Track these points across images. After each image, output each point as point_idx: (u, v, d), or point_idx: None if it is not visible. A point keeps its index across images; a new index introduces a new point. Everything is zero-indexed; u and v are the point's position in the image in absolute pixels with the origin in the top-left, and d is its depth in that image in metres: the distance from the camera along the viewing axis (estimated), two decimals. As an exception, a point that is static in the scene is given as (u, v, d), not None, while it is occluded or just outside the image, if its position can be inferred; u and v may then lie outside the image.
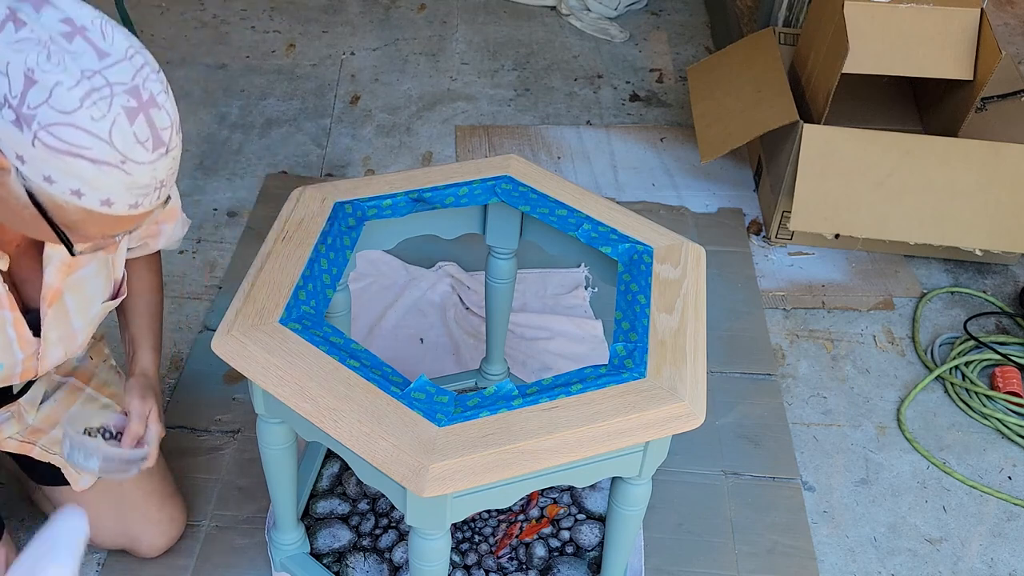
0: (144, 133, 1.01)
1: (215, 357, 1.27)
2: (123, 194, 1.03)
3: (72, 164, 0.98)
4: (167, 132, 1.04)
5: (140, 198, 1.05)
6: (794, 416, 2.01)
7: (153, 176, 1.04)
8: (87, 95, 0.97)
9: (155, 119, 1.02)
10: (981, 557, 1.79)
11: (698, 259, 1.45)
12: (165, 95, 1.04)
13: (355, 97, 2.85)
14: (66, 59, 0.96)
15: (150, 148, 1.02)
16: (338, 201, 1.48)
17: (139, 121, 1.00)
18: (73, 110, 0.96)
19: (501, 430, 1.17)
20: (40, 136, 0.96)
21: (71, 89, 0.96)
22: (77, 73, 0.96)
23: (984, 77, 2.20)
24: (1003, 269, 2.38)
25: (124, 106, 0.99)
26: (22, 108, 0.96)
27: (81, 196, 1.01)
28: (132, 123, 1.00)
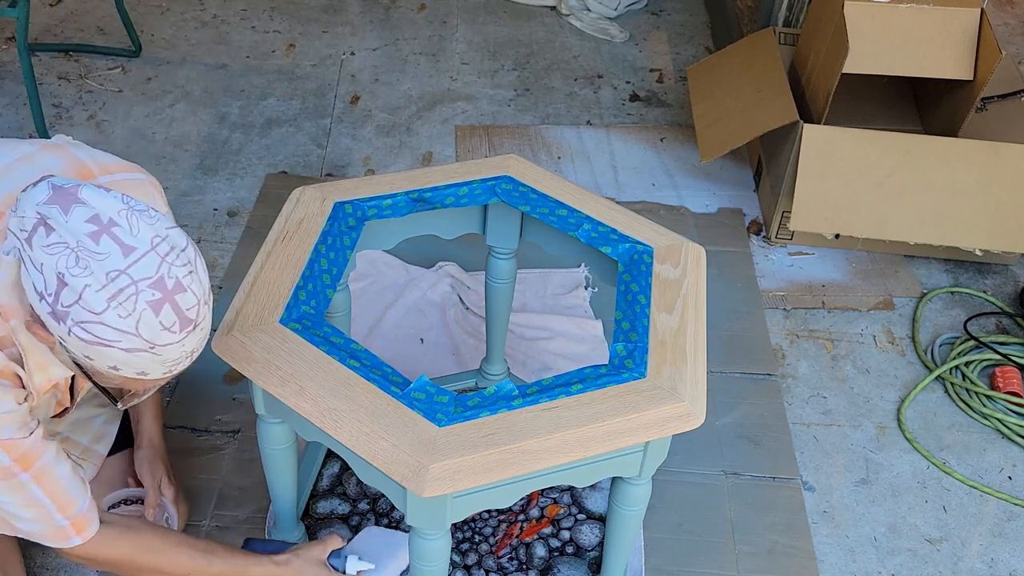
0: (170, 319, 1.08)
1: (215, 357, 1.27)
2: (156, 367, 1.11)
3: (106, 352, 1.07)
4: (194, 310, 1.10)
5: (172, 366, 1.13)
6: (794, 416, 2.01)
7: (182, 350, 1.12)
8: (113, 297, 1.05)
9: (180, 303, 1.08)
10: (981, 557, 1.79)
11: (698, 259, 1.45)
12: (191, 276, 1.10)
13: (355, 97, 2.85)
14: (92, 263, 1.04)
15: (177, 331, 1.09)
16: (338, 201, 1.48)
17: (164, 311, 1.07)
18: (102, 311, 1.05)
19: (501, 430, 1.17)
20: (75, 331, 1.06)
21: (98, 292, 1.04)
22: (103, 277, 1.04)
23: (984, 77, 2.20)
24: (1003, 269, 2.38)
25: (149, 301, 1.06)
26: (57, 305, 1.05)
27: (119, 370, 1.10)
28: (158, 314, 1.07)
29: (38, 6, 3.11)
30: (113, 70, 2.87)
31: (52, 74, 2.84)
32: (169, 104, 2.77)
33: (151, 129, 2.67)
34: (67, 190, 1.07)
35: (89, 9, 3.14)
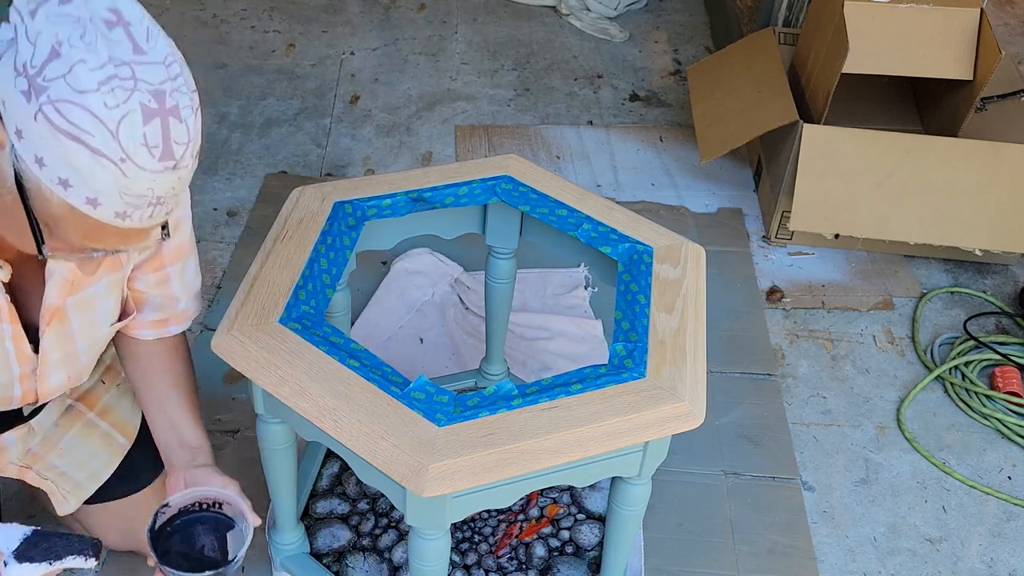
0: (155, 138, 0.94)
1: (215, 357, 1.27)
2: (112, 196, 0.95)
3: (69, 148, 0.91)
4: (181, 148, 0.97)
5: (130, 208, 0.97)
6: (794, 416, 2.01)
7: (150, 187, 0.97)
8: (108, 80, 0.91)
9: (172, 129, 0.95)
10: (981, 557, 1.79)
11: (698, 259, 1.45)
12: (191, 112, 0.98)
13: (355, 97, 2.85)
14: (99, 41, 0.91)
15: (156, 156, 0.95)
16: (338, 201, 1.48)
17: (154, 124, 0.94)
18: (87, 91, 0.90)
19: (501, 430, 1.17)
20: (45, 110, 0.90)
21: (93, 70, 0.90)
22: (105, 57, 0.91)
23: (984, 77, 2.20)
24: (1003, 269, 2.38)
25: (143, 103, 0.93)
26: (37, 78, 0.90)
27: (68, 187, 0.94)
28: (146, 123, 0.93)
29: (38, 6, 3.11)
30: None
31: (52, 74, 2.83)
32: (169, 104, 2.76)
33: (151, 129, 2.66)
34: None
35: (89, 9, 3.13)
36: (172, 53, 0.97)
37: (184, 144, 0.97)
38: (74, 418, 1.52)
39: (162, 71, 0.95)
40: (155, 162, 0.95)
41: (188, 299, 1.42)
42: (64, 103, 0.90)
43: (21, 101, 0.91)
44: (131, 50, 0.93)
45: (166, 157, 0.96)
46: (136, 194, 0.96)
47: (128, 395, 1.58)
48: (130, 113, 0.92)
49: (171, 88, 0.95)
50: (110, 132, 0.92)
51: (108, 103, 0.91)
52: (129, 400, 1.58)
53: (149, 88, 0.93)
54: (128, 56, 0.92)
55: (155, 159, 0.95)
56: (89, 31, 0.91)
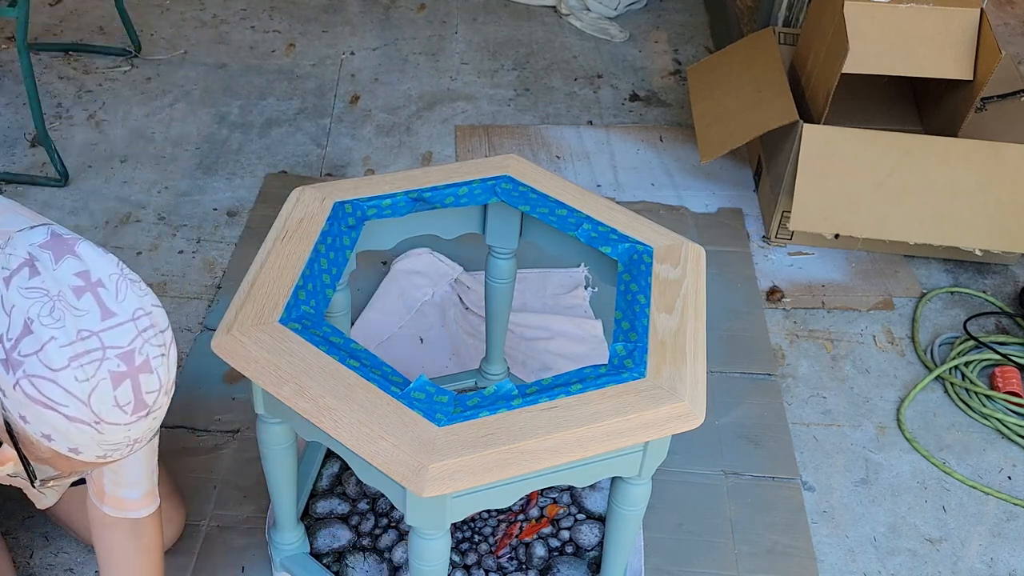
0: (126, 397, 1.01)
1: (215, 357, 1.27)
2: (92, 447, 1.02)
3: (47, 415, 0.98)
4: (153, 395, 1.04)
5: (110, 452, 1.04)
6: (794, 416, 2.01)
7: (126, 436, 1.04)
8: (77, 356, 0.97)
9: (142, 384, 1.02)
10: (981, 557, 1.79)
11: (698, 259, 1.45)
12: (162, 358, 1.04)
13: (355, 97, 2.85)
14: (67, 316, 0.97)
15: (129, 412, 1.02)
16: (338, 201, 1.48)
17: (124, 386, 1.00)
18: (59, 368, 0.97)
19: (501, 430, 1.17)
20: (22, 383, 0.97)
21: (63, 347, 0.97)
22: (73, 333, 0.97)
23: (984, 77, 2.20)
24: (1003, 269, 2.38)
25: (112, 371, 0.99)
26: (13, 352, 0.97)
27: (51, 440, 1.01)
28: (116, 388, 1.00)
29: (38, 6, 3.11)
30: (113, 69, 2.87)
31: (52, 74, 2.84)
32: (169, 104, 2.77)
33: (151, 129, 2.67)
34: (66, 240, 1.01)
35: (89, 9, 3.13)
36: (141, 305, 1.03)
37: (156, 391, 1.04)
38: None
39: (131, 330, 1.01)
40: (128, 416, 1.02)
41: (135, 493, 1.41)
42: (38, 379, 0.97)
43: (1, 370, 0.98)
44: (99, 316, 0.99)
45: (139, 409, 1.03)
46: (113, 443, 1.03)
47: None
48: (100, 383, 0.99)
49: (140, 344, 1.01)
50: (82, 402, 0.98)
51: (79, 377, 0.97)
52: None
53: (118, 353, 1.00)
54: (96, 325, 0.99)
55: (128, 414, 1.02)
56: (58, 307, 0.97)
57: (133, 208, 2.42)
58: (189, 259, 2.28)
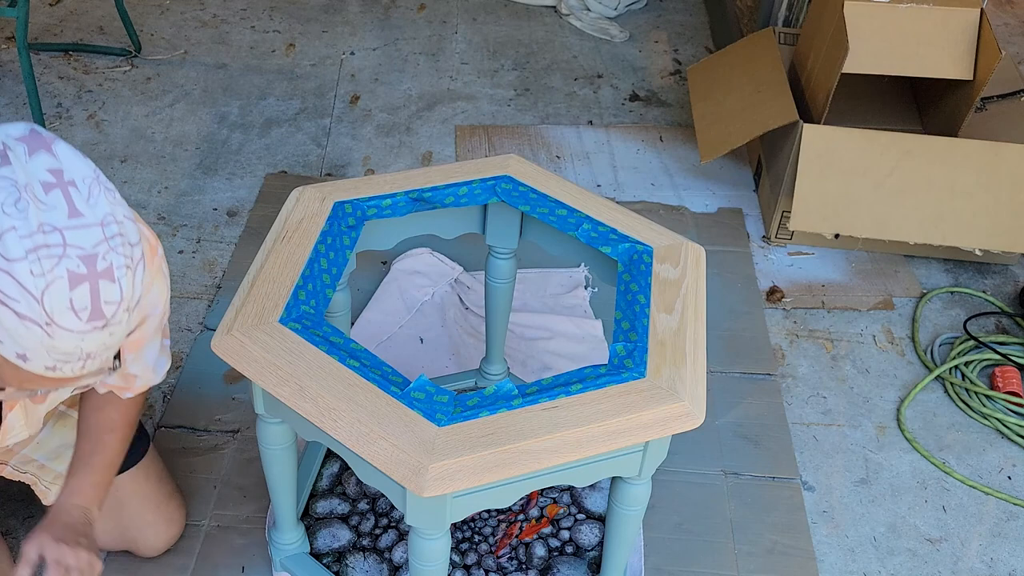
0: (82, 302, 0.96)
1: (215, 357, 1.27)
2: (41, 354, 0.97)
3: None
4: (112, 307, 0.99)
5: (59, 363, 0.99)
6: (794, 416, 2.01)
7: (78, 346, 0.98)
8: (35, 249, 0.93)
9: (102, 291, 0.97)
10: (981, 557, 1.79)
11: (698, 259, 1.45)
12: (127, 270, 0.99)
13: (355, 97, 2.85)
14: (31, 208, 0.93)
15: (84, 319, 0.97)
16: (338, 201, 1.48)
17: (81, 289, 0.95)
18: (15, 259, 0.92)
19: (501, 430, 1.17)
20: None
21: (23, 238, 0.92)
22: (35, 224, 0.93)
23: (984, 77, 2.20)
24: (1003, 269, 2.38)
25: (71, 270, 0.95)
26: None
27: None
28: (72, 289, 0.95)
29: (38, 6, 3.11)
30: (113, 69, 2.87)
31: (52, 74, 2.84)
32: (169, 104, 2.77)
33: (151, 129, 2.67)
34: (44, 138, 0.97)
35: (89, 9, 3.14)
36: (112, 212, 0.99)
37: (115, 303, 0.99)
38: (59, 418, 1.54)
39: (98, 234, 0.97)
40: (82, 324, 0.97)
41: (147, 376, 1.42)
42: None
43: None
44: (66, 214, 0.95)
45: (95, 317, 0.98)
46: (64, 352, 0.98)
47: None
48: (56, 281, 0.94)
49: (104, 250, 0.97)
50: (35, 299, 0.94)
51: (34, 271, 0.93)
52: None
53: (80, 254, 0.95)
54: (61, 222, 0.95)
55: (82, 321, 0.97)
56: (24, 198, 0.93)
57: (133, 208, 2.41)
58: (189, 259, 2.28)
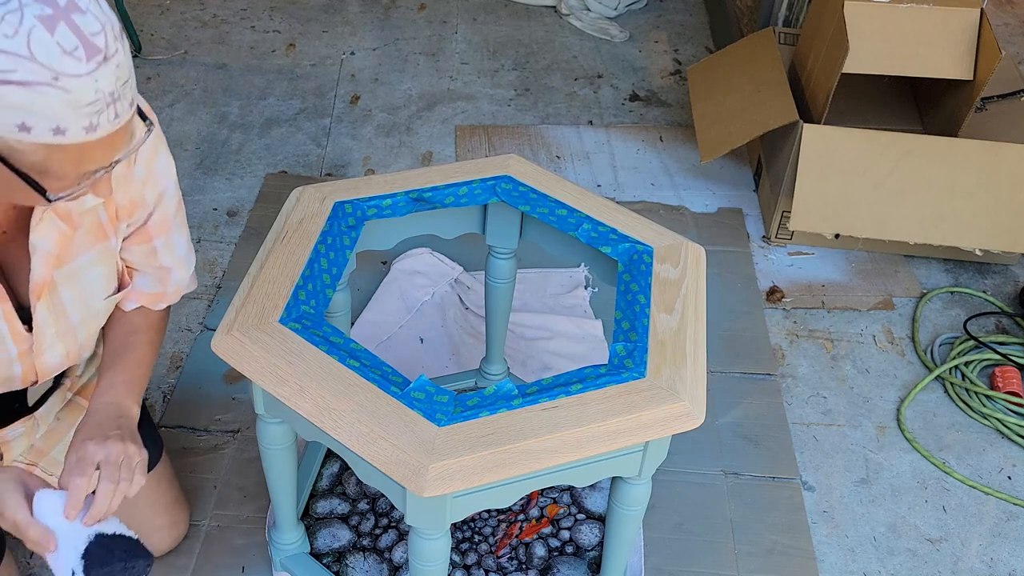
0: (70, 42, 0.91)
1: (215, 357, 1.27)
2: (72, 117, 0.93)
3: (3, 94, 0.90)
4: (100, 37, 0.94)
5: (92, 117, 0.95)
6: (794, 416, 2.01)
7: (96, 89, 0.94)
8: None
9: (80, 25, 0.92)
10: (981, 557, 1.79)
11: (698, 259, 1.45)
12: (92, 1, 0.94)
13: (355, 97, 2.85)
14: None
15: (83, 58, 0.92)
16: (338, 201, 1.48)
17: (60, 29, 0.91)
18: None
19: (501, 430, 1.17)
20: None
21: None
22: None
23: (984, 77, 2.20)
24: (1003, 269, 2.38)
25: (38, 15, 0.90)
26: None
27: (30, 130, 0.93)
28: (53, 33, 0.90)
29: (38, 6, 3.11)
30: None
31: (52, 74, 2.83)
32: (169, 104, 2.77)
33: (151, 129, 2.66)
34: None
35: (89, 9, 3.13)
36: None
37: (100, 32, 0.95)
38: (74, 411, 1.52)
39: None
40: (84, 64, 0.93)
41: (180, 272, 1.41)
42: None
43: None
44: None
45: (92, 53, 0.94)
46: (89, 102, 0.94)
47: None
48: (33, 31, 0.90)
49: None
50: (26, 58, 0.90)
51: (7, 33, 0.89)
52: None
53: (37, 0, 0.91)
54: None
55: (83, 61, 0.93)
56: None
57: (133, 208, 2.41)
58: (189, 259, 2.28)
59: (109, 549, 1.14)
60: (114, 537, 1.16)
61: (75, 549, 1.13)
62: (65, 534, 1.13)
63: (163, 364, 2.02)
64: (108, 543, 1.15)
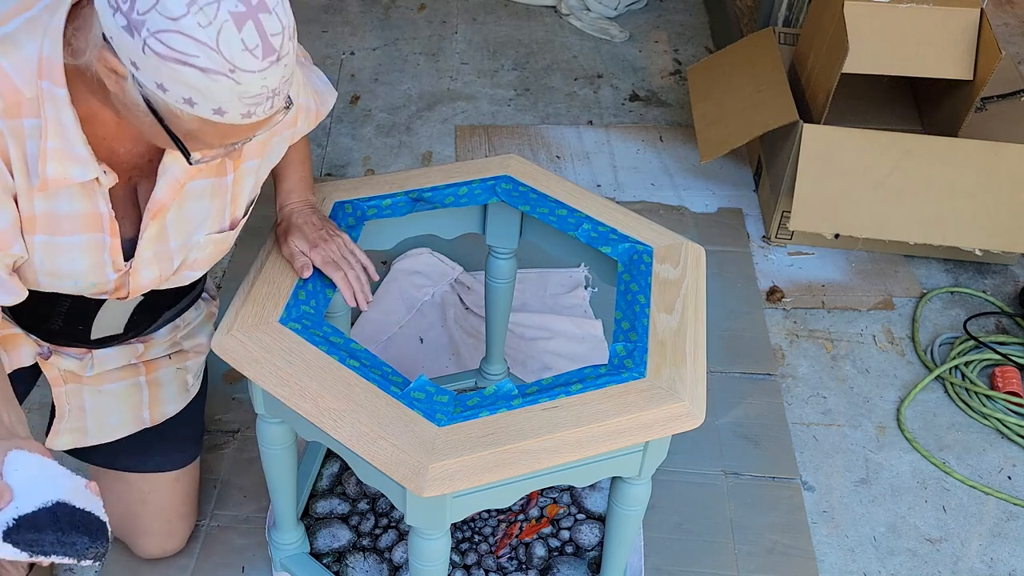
0: (253, 40, 1.00)
1: (215, 357, 1.27)
2: (234, 103, 1.02)
3: (182, 72, 0.99)
4: (278, 39, 1.02)
5: (252, 107, 1.04)
6: (794, 416, 2.01)
7: (263, 85, 1.03)
8: (193, 1, 0.96)
9: (265, 25, 1.01)
10: (981, 557, 1.79)
11: (698, 259, 1.45)
12: (279, 2, 1.03)
13: (355, 97, 2.85)
14: None
15: (260, 56, 1.01)
16: (338, 201, 1.48)
17: (247, 28, 0.99)
18: (179, 16, 0.96)
19: (501, 430, 1.17)
20: (149, 43, 0.97)
21: None
22: None
23: (984, 77, 2.20)
24: (1003, 269, 2.38)
25: (232, 11, 0.98)
26: (131, 14, 0.97)
27: (193, 105, 1.01)
28: (240, 30, 0.99)
29: (38, 6, 3.11)
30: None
31: (52, 74, 2.83)
32: (169, 104, 2.76)
33: (151, 129, 2.67)
34: None
35: (89, 9, 3.13)
36: None
37: (280, 33, 1.03)
38: (128, 374, 1.53)
39: None
40: (260, 62, 1.01)
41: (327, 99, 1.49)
42: (163, 33, 0.97)
43: (126, 37, 0.98)
44: None
45: (268, 53, 1.02)
46: (253, 95, 1.03)
47: (181, 384, 1.59)
48: (224, 25, 0.98)
49: None
50: (212, 48, 0.98)
51: (201, 22, 0.97)
52: (177, 388, 1.59)
53: None
54: None
55: (259, 59, 1.01)
56: None
57: (133, 208, 2.41)
58: (189, 259, 2.28)
59: (56, 520, 1.07)
60: (75, 511, 1.09)
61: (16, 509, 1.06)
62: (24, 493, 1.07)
63: (163, 364, 2.02)
64: (61, 515, 1.07)
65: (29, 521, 1.06)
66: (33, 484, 1.08)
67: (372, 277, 1.40)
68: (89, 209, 1.20)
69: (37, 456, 1.09)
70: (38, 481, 1.08)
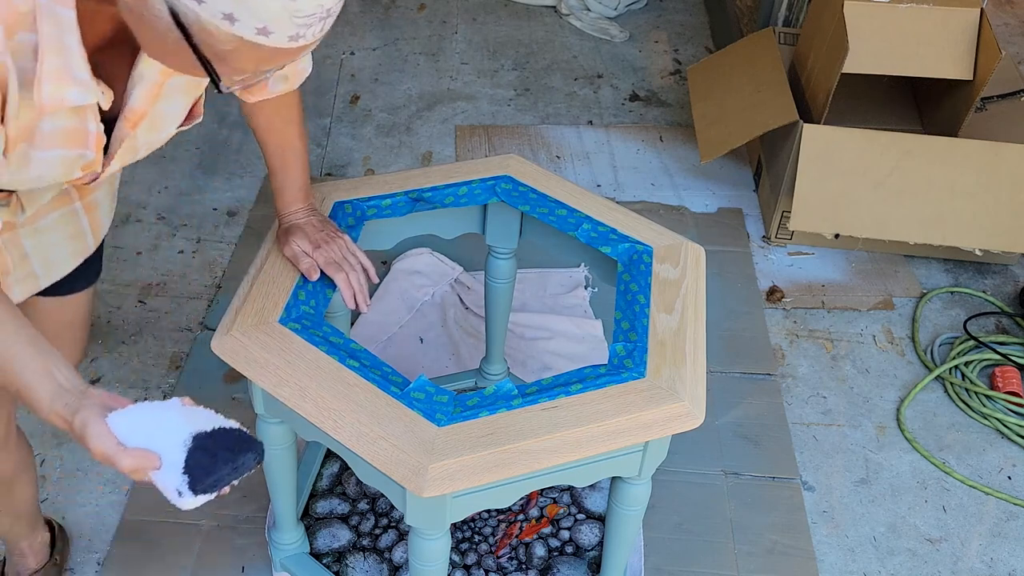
0: None
1: (215, 357, 1.27)
2: (284, 23, 0.87)
3: None
4: None
5: (302, 28, 0.89)
6: (794, 416, 2.01)
7: (319, 4, 0.89)
8: None
9: None
10: (981, 557, 1.79)
11: (698, 259, 1.45)
12: None
13: (355, 97, 2.85)
14: None
15: None
16: (338, 201, 1.48)
17: None
18: None
19: (501, 430, 1.17)
20: None
21: None
22: None
23: (984, 77, 2.20)
24: (1003, 269, 2.38)
25: None
26: None
27: (235, 22, 0.85)
28: None
29: (38, 6, 3.11)
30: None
31: (52, 74, 2.83)
32: (169, 104, 2.77)
33: (151, 129, 2.67)
34: None
35: (89, 9, 3.13)
36: None
37: None
38: (62, 201, 1.36)
39: None
40: None
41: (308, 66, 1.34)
42: None
43: None
44: None
45: None
46: (307, 14, 0.89)
47: (112, 197, 1.45)
48: None
49: None
50: None
51: None
52: (111, 202, 1.45)
53: None
54: None
55: None
56: None
57: (133, 208, 2.42)
58: (189, 259, 2.28)
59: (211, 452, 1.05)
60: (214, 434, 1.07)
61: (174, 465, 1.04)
62: (161, 447, 1.04)
63: (163, 364, 2.02)
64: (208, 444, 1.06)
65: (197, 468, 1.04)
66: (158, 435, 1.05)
67: (372, 279, 1.39)
68: (77, 126, 1.07)
69: (130, 407, 1.04)
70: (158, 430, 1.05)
